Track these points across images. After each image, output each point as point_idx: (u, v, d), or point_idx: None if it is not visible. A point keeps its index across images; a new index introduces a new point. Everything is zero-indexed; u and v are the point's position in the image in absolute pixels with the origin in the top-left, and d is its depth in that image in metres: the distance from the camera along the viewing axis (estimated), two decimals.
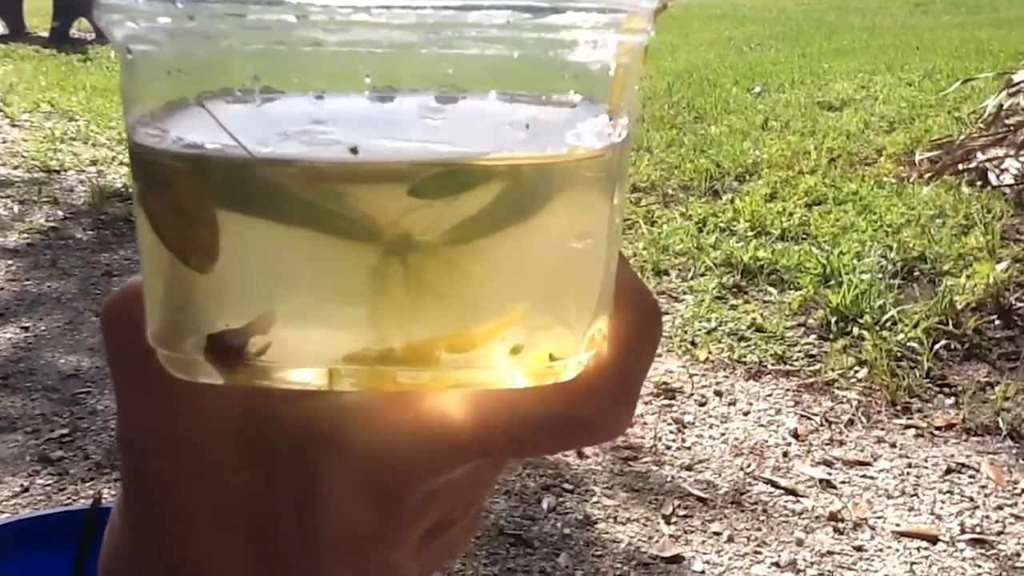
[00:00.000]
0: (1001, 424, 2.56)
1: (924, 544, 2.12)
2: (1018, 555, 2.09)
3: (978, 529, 2.16)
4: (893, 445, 2.50)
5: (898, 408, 2.67)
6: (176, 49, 0.28)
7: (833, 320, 3.15)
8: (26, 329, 3.20)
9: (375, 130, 0.29)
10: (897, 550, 2.10)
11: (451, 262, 0.28)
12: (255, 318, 0.28)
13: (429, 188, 0.27)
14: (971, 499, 2.27)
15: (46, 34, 11.39)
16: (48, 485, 2.32)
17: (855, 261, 3.60)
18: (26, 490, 2.29)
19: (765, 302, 3.40)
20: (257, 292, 0.28)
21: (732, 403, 2.73)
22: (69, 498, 2.25)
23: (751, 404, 2.72)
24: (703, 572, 2.06)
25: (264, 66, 0.28)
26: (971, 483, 2.34)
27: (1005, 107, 4.89)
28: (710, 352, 3.02)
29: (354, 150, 0.27)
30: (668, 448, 2.51)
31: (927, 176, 4.76)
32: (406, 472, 0.32)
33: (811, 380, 2.84)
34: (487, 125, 0.29)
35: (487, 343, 0.29)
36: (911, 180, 4.76)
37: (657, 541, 2.14)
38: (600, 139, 0.29)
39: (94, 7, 0.28)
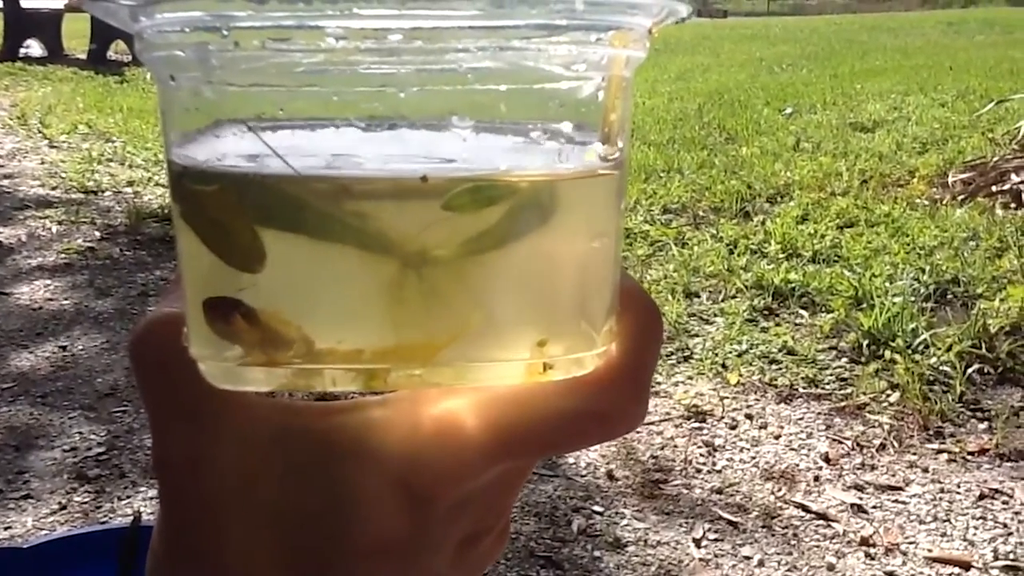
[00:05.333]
0: None
1: (957, 570, 2.10)
2: None
3: (1012, 556, 2.15)
4: (925, 470, 2.49)
5: (930, 432, 2.65)
6: (216, 76, 0.30)
7: (865, 343, 3.14)
8: (64, 348, 3.25)
9: (397, 154, 0.32)
10: None
11: (465, 271, 0.30)
12: (284, 323, 0.30)
13: (461, 202, 0.29)
14: (1004, 525, 2.25)
15: (84, 56, 11.60)
16: (85, 502, 2.35)
17: (887, 284, 3.59)
18: (64, 507, 2.33)
19: (796, 325, 3.39)
20: (294, 301, 0.30)
21: (763, 426, 2.73)
22: (106, 515, 2.28)
23: (782, 428, 2.72)
24: None
25: (293, 95, 0.30)
26: (1005, 509, 2.32)
27: None
28: (741, 375, 3.01)
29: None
30: (699, 471, 2.51)
31: (960, 198, 4.74)
32: (438, 476, 0.33)
33: (843, 404, 2.83)
34: (498, 148, 0.31)
35: (462, 342, 0.31)
36: (944, 202, 4.73)
37: (687, 564, 2.14)
38: (600, 157, 0.32)
39: (136, 40, 0.31)
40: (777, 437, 2.67)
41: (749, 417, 2.78)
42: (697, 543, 2.21)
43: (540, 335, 0.31)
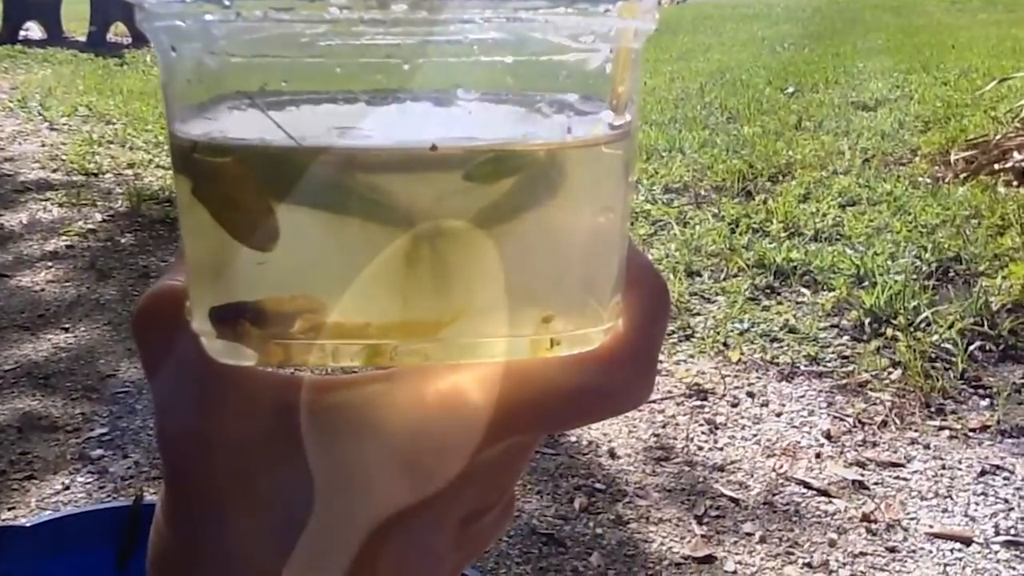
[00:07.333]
0: None
1: (958, 546, 2.11)
2: None
3: (1012, 531, 2.15)
4: (927, 446, 2.49)
5: (932, 409, 2.66)
6: (219, 46, 0.29)
7: (867, 321, 3.13)
8: (66, 330, 3.25)
9: (403, 126, 0.31)
10: (930, 552, 2.10)
11: (477, 245, 0.29)
12: (290, 298, 0.30)
13: (484, 172, 0.29)
14: (1006, 501, 2.26)
15: (83, 38, 11.54)
16: (88, 484, 2.36)
17: (889, 262, 3.58)
18: (67, 488, 2.34)
19: (798, 303, 3.39)
20: (303, 276, 0.30)
21: (765, 404, 2.73)
22: (109, 496, 2.29)
23: (784, 405, 2.72)
24: (735, 572, 2.06)
25: (297, 67, 0.30)
26: (1006, 485, 2.32)
27: None
28: (743, 353, 3.01)
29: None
30: (700, 449, 2.51)
31: (962, 176, 4.72)
32: (443, 450, 0.33)
33: (844, 381, 2.83)
34: (506, 119, 0.31)
35: (485, 318, 0.30)
36: (946, 180, 4.72)
37: (689, 541, 2.14)
38: (609, 125, 0.32)
39: (137, 10, 0.30)
40: (779, 414, 2.67)
41: (751, 395, 2.78)
42: (699, 520, 2.21)
43: (546, 311, 0.31)
